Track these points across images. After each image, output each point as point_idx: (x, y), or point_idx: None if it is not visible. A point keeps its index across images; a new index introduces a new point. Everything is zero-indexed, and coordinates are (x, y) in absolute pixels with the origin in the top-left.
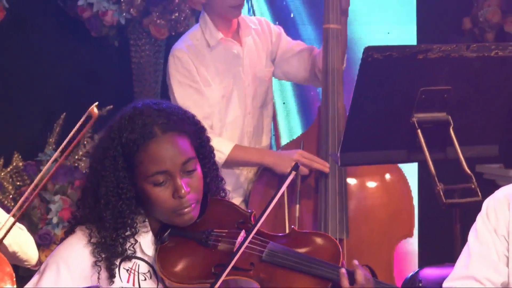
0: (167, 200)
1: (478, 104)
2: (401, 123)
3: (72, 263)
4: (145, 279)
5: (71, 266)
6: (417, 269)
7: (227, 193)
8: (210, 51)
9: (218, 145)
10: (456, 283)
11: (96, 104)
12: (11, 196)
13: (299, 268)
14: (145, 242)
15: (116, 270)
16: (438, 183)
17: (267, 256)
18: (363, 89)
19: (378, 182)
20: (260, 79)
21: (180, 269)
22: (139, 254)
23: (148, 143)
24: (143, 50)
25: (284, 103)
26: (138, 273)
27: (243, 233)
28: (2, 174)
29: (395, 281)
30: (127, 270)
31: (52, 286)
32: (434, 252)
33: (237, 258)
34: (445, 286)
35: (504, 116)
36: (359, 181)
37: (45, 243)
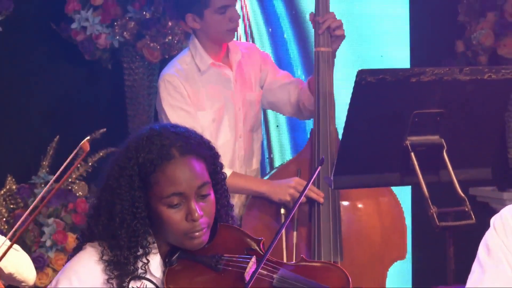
0: (180, 222)
1: (471, 127)
2: (395, 146)
3: (84, 278)
4: None
5: (82, 280)
6: None
7: (235, 220)
8: (200, 75)
9: None
10: None
11: (88, 138)
12: (4, 219)
13: None
14: (154, 264)
15: None
16: (432, 206)
17: (278, 282)
18: (356, 112)
19: (371, 205)
20: (251, 103)
21: None
22: (148, 274)
23: (165, 164)
24: (136, 73)
25: (278, 126)
26: None
27: (254, 259)
28: None
29: None
30: None
31: None
32: (427, 274)
33: (252, 284)
34: None
35: (497, 139)
36: (352, 203)
37: (38, 266)
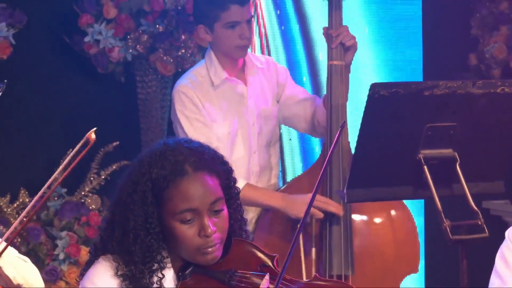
0: (193, 238)
1: (484, 140)
2: (408, 160)
3: None
4: None
5: None
6: None
7: (248, 234)
8: (214, 89)
9: None
10: None
11: (95, 129)
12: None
13: None
14: (167, 278)
15: None
16: (445, 219)
17: None
18: (369, 125)
19: (383, 219)
20: (266, 118)
21: None
22: None
23: (178, 180)
24: (149, 87)
25: (290, 139)
26: None
27: (267, 277)
28: (9, 210)
29: None
30: None
31: None
32: None
33: None
34: None
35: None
36: (364, 217)
37: (51, 279)
